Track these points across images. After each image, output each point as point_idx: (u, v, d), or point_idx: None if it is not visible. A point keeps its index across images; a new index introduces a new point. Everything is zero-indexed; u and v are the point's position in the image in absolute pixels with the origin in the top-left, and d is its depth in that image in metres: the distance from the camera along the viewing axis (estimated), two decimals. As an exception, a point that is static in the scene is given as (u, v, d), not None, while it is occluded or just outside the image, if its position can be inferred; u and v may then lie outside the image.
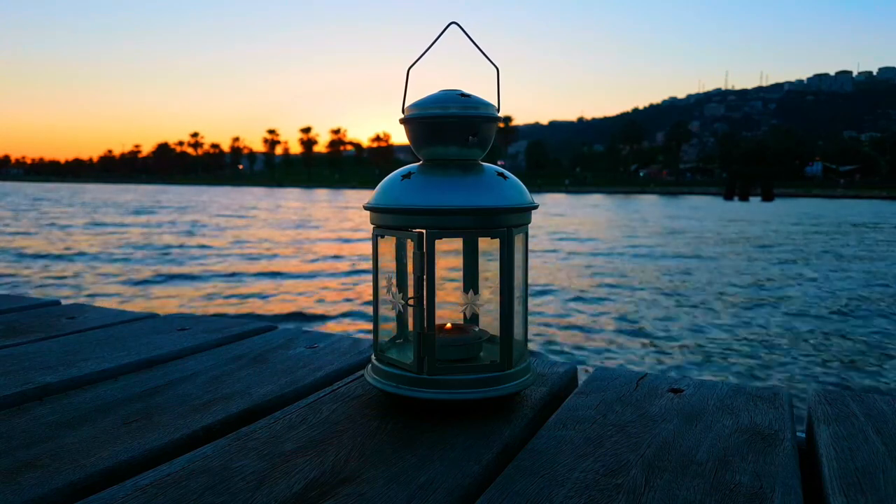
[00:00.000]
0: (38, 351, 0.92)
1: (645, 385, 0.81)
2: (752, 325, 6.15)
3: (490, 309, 0.76)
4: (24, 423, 0.67)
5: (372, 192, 0.73)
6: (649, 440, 0.64)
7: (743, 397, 0.76)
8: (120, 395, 0.76)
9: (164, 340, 0.98)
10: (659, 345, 5.37)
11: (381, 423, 0.67)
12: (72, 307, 1.23)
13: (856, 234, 17.33)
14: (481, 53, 0.74)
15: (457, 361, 0.72)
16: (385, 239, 0.74)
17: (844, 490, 0.54)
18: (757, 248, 13.25)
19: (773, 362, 4.89)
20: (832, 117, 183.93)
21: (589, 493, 0.53)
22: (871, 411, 0.72)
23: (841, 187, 74.24)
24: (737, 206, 37.19)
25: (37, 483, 0.54)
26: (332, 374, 0.85)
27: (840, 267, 10.54)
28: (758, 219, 23.98)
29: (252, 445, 0.62)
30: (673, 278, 9.05)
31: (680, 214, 26.87)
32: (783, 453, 0.61)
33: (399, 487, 0.54)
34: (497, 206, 0.68)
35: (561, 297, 7.44)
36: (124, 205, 29.69)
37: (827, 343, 5.54)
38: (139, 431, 0.65)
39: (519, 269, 0.71)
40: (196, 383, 0.80)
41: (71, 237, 13.97)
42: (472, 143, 0.71)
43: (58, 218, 20.09)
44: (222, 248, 12.19)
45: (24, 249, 11.38)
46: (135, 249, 11.78)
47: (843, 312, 6.82)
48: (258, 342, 0.99)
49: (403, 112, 0.73)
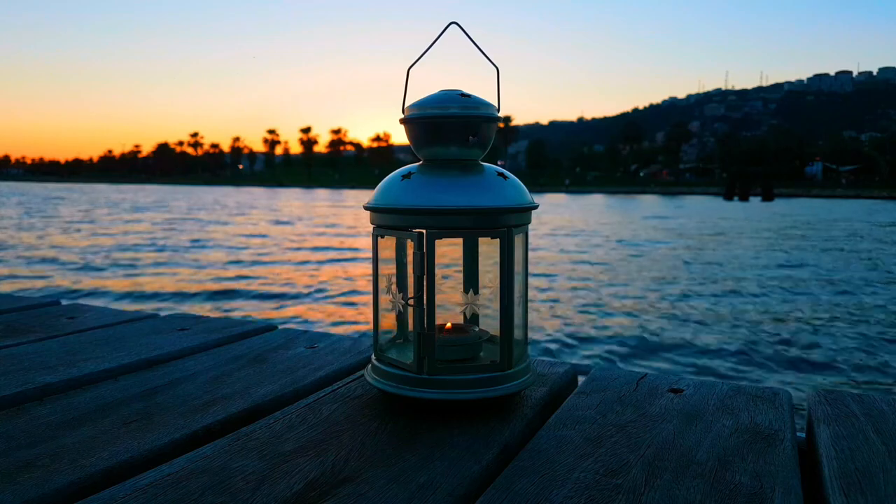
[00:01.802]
0: (38, 351, 0.92)
1: (645, 385, 0.81)
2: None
3: (490, 309, 0.76)
4: (24, 423, 0.67)
5: (372, 191, 0.73)
6: (649, 440, 0.64)
7: (743, 397, 0.76)
8: (120, 395, 0.76)
9: (164, 340, 0.98)
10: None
11: (381, 423, 0.67)
12: (72, 307, 1.23)
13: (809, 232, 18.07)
14: (481, 53, 0.74)
15: (457, 361, 0.72)
16: (385, 239, 0.74)
17: (844, 490, 0.54)
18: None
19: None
20: (832, 117, 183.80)
21: (589, 493, 0.53)
22: (871, 411, 0.72)
23: (841, 187, 74.25)
24: (735, 206, 37.22)
25: (37, 483, 0.54)
26: (331, 374, 0.85)
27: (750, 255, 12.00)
28: (743, 217, 24.58)
29: (252, 445, 0.62)
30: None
31: (667, 213, 27.61)
32: (783, 453, 0.61)
33: (399, 487, 0.54)
34: (497, 206, 0.68)
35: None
36: (172, 207, 28.61)
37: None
38: (139, 431, 0.65)
39: (519, 269, 0.71)
40: (196, 383, 0.80)
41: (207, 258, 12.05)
42: (473, 143, 0.71)
43: (173, 228, 17.40)
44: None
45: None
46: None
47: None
48: (258, 342, 0.99)
49: (403, 112, 0.73)
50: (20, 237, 13.95)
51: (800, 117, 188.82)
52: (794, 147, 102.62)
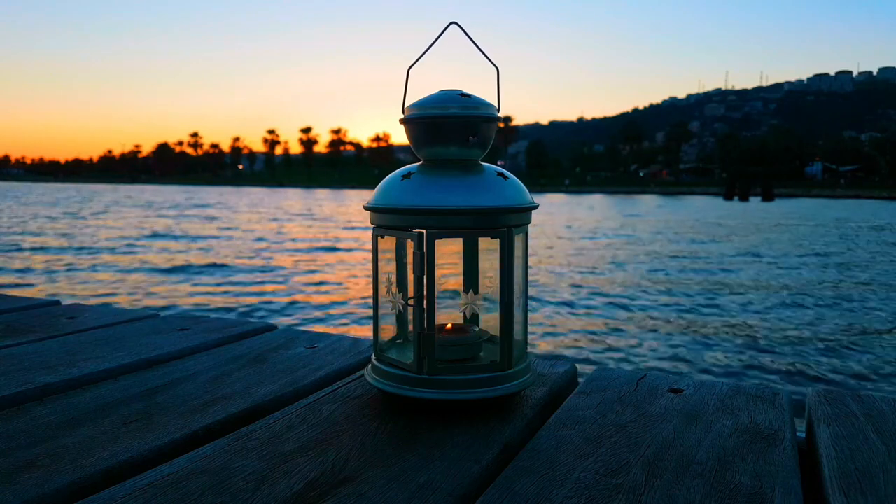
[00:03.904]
0: (38, 351, 0.92)
1: (645, 385, 0.81)
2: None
3: (490, 309, 0.76)
4: (24, 423, 0.67)
5: (372, 191, 0.73)
6: (649, 440, 0.64)
7: (743, 397, 0.76)
8: (120, 395, 0.76)
9: (164, 340, 0.98)
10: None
11: (381, 423, 0.67)
12: (72, 307, 1.23)
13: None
14: (481, 53, 0.74)
15: (457, 361, 0.72)
16: (385, 239, 0.74)
17: (844, 490, 0.54)
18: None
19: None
20: (832, 117, 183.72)
21: (589, 493, 0.53)
22: (871, 411, 0.72)
23: (841, 187, 74.23)
24: (735, 205, 37.20)
25: (37, 483, 0.54)
26: (331, 374, 0.85)
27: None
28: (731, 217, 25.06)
29: (252, 445, 0.62)
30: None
31: (649, 212, 28.62)
32: (783, 453, 0.61)
33: (399, 487, 0.53)
34: (497, 206, 0.68)
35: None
36: (197, 208, 27.83)
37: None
38: (139, 431, 0.65)
39: (519, 269, 0.71)
40: (196, 383, 0.80)
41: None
42: (472, 143, 0.71)
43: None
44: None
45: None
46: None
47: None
48: (258, 342, 0.99)
49: (403, 112, 0.73)
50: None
51: (800, 117, 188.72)
52: (794, 147, 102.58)
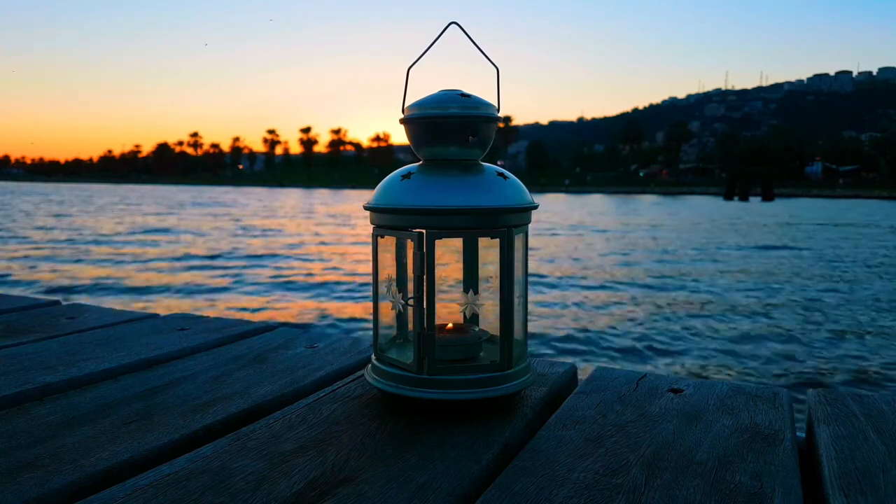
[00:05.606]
0: (38, 351, 0.92)
1: (645, 385, 0.81)
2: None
3: (490, 309, 0.76)
4: (24, 423, 0.67)
5: (372, 191, 0.73)
6: (649, 440, 0.64)
7: (743, 397, 0.76)
8: (120, 395, 0.76)
9: (164, 340, 0.98)
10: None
11: (381, 423, 0.67)
12: (72, 307, 1.23)
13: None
14: (481, 53, 0.74)
15: (457, 361, 0.72)
16: (385, 239, 0.74)
17: (844, 490, 0.54)
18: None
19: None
20: (832, 117, 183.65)
21: (589, 493, 0.53)
22: (871, 411, 0.72)
23: (841, 187, 74.25)
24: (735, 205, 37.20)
25: (37, 483, 0.54)
26: (331, 374, 0.85)
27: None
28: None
29: (252, 445, 0.62)
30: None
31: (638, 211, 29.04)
32: (783, 453, 0.61)
33: (399, 487, 0.53)
34: (497, 206, 0.68)
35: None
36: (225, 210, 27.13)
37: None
38: (139, 431, 0.65)
39: (519, 269, 0.71)
40: (196, 383, 0.80)
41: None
42: (472, 143, 0.71)
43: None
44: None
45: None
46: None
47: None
48: (258, 342, 0.99)
49: (403, 112, 0.73)
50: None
51: (800, 117, 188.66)
52: (794, 147, 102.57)
